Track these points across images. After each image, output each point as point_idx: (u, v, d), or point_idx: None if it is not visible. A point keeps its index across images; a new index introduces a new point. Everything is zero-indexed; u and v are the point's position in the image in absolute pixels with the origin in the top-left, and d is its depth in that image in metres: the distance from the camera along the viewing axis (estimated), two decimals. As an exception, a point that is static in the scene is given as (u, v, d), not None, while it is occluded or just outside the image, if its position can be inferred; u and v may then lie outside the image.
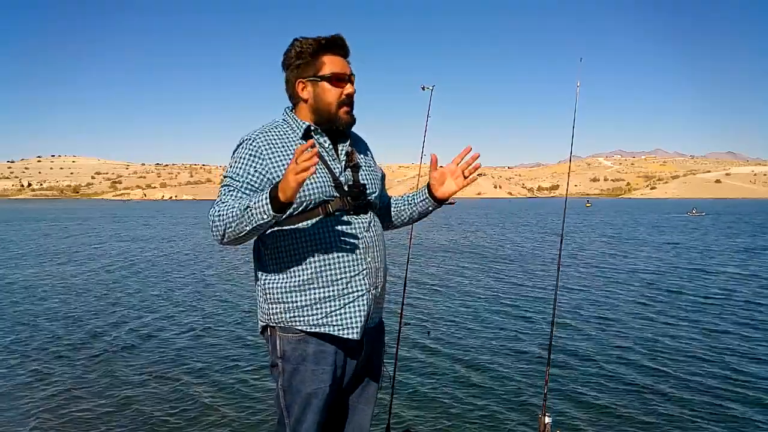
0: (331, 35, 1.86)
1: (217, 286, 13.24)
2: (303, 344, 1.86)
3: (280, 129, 1.89)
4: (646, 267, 16.77)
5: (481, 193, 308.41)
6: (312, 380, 1.86)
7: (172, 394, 5.98)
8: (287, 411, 1.89)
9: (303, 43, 1.85)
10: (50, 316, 9.73)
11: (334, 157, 1.88)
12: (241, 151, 1.83)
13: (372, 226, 1.91)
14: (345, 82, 1.86)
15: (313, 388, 1.86)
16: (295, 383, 1.87)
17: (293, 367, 1.87)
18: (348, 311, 1.85)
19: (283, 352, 1.88)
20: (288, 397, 1.89)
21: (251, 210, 1.64)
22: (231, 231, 1.71)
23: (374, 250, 1.90)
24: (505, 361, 7.21)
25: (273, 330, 1.90)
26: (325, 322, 1.84)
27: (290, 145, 1.85)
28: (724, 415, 5.53)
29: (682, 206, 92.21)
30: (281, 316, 1.87)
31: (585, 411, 5.59)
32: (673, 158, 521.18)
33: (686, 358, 7.31)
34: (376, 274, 1.91)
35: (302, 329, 1.85)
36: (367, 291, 1.87)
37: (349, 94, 1.86)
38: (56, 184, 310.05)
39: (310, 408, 1.87)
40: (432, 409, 5.66)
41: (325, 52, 1.85)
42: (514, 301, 11.31)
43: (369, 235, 1.88)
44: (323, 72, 1.84)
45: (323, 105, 1.86)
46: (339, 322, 1.84)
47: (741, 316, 9.89)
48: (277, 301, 1.87)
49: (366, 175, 1.94)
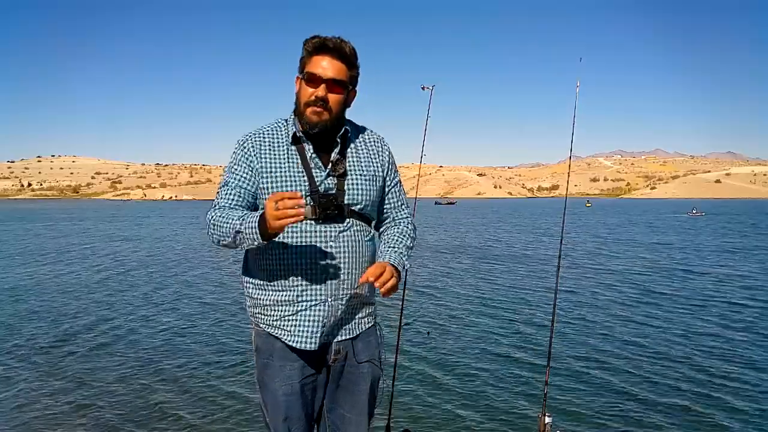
0: (326, 37, 1.86)
1: (208, 286, 13.23)
2: (272, 339, 1.91)
3: (274, 131, 1.94)
4: (646, 267, 16.77)
5: (481, 193, 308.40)
6: (280, 376, 1.89)
7: (158, 393, 5.99)
8: (265, 406, 1.94)
9: (307, 42, 1.89)
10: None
11: (318, 165, 1.88)
12: (235, 152, 1.93)
13: (345, 235, 1.87)
14: (319, 83, 1.84)
15: (281, 384, 1.89)
16: (266, 378, 1.92)
17: (263, 362, 1.92)
18: (300, 318, 1.86)
19: (256, 345, 1.95)
20: (263, 392, 1.94)
21: (242, 235, 1.72)
22: (224, 245, 1.82)
23: (344, 258, 1.86)
24: (505, 361, 7.21)
25: (252, 323, 1.99)
26: (279, 325, 1.89)
27: (278, 148, 1.90)
28: (724, 415, 5.53)
29: (682, 206, 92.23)
30: (251, 310, 1.97)
31: (585, 411, 5.59)
32: (673, 158, 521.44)
33: (686, 358, 7.31)
34: (341, 285, 1.87)
35: (263, 327, 1.92)
36: (323, 301, 1.85)
37: (317, 96, 1.84)
38: (56, 184, 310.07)
39: (282, 404, 1.89)
40: (432, 409, 5.66)
41: (318, 53, 1.87)
42: (513, 301, 11.32)
43: (337, 244, 1.85)
44: (305, 71, 1.88)
45: (298, 102, 1.91)
46: (290, 329, 1.87)
47: (741, 316, 9.89)
48: (249, 295, 1.96)
49: (353, 183, 1.90)
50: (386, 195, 2.04)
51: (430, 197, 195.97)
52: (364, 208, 1.93)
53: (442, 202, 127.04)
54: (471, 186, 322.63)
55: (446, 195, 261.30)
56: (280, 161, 1.88)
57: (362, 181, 1.93)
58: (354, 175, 1.92)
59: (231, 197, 1.87)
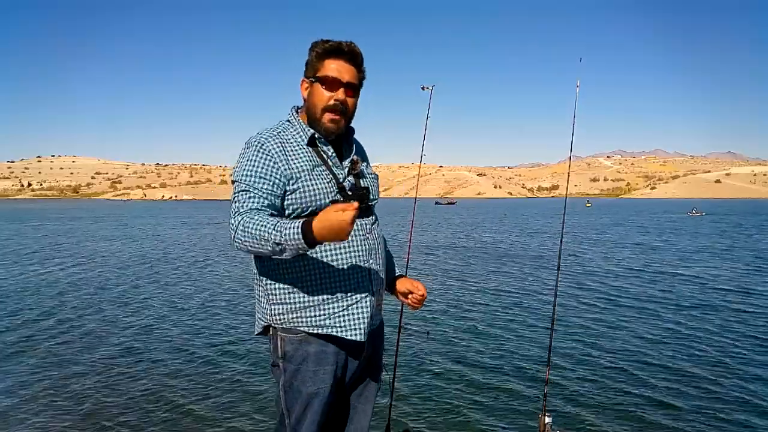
0: (339, 41, 1.86)
1: (213, 289, 13.22)
2: (305, 345, 1.87)
3: (288, 132, 1.91)
4: (647, 267, 16.76)
5: (481, 193, 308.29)
6: (313, 381, 1.87)
7: (166, 395, 5.98)
8: (288, 411, 1.90)
9: (316, 45, 1.88)
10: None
11: (338, 165, 1.91)
12: (253, 154, 1.83)
13: (374, 228, 1.96)
14: (337, 87, 1.84)
15: (314, 389, 1.87)
16: (297, 383, 1.88)
17: (295, 368, 1.88)
18: (352, 312, 1.86)
19: (284, 352, 1.89)
20: (289, 397, 1.90)
21: (284, 246, 1.65)
22: (254, 251, 1.74)
23: (377, 252, 1.94)
24: (504, 361, 7.21)
25: (275, 330, 1.91)
26: (329, 323, 1.85)
27: (299, 149, 1.88)
28: (724, 415, 5.52)
29: (682, 206, 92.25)
30: (284, 316, 1.88)
31: (585, 411, 5.59)
32: (673, 158, 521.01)
33: (686, 358, 7.31)
34: (379, 276, 1.94)
35: (305, 330, 1.86)
36: (370, 292, 1.89)
37: (338, 99, 1.84)
38: (56, 184, 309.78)
39: (311, 408, 1.88)
40: (432, 409, 5.66)
41: (330, 56, 1.85)
42: (513, 300, 11.31)
43: (372, 237, 1.92)
44: (319, 73, 1.86)
45: (312, 106, 1.88)
46: (343, 324, 1.85)
47: (742, 316, 9.88)
48: (280, 301, 1.87)
49: (368, 182, 1.99)
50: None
51: (430, 197, 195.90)
52: (376, 203, 2.04)
53: (443, 202, 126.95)
54: (471, 186, 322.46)
55: (446, 195, 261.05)
56: (306, 162, 1.86)
57: (371, 179, 2.02)
58: (367, 175, 2.01)
59: (257, 202, 1.78)
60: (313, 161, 1.87)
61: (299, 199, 1.82)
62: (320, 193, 1.83)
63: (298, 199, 1.82)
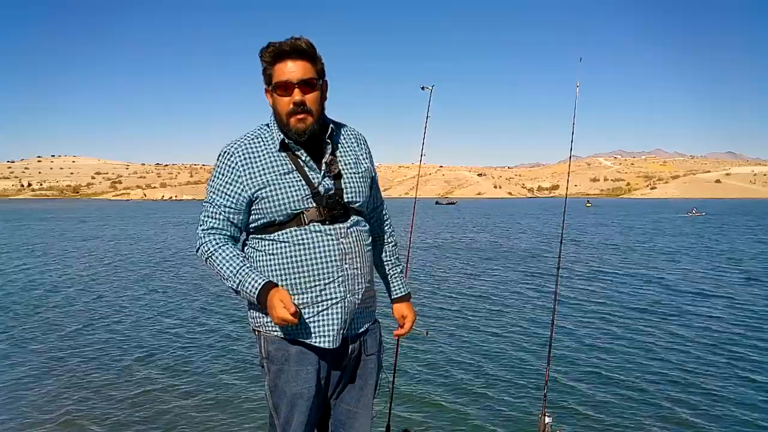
0: (282, 42, 1.82)
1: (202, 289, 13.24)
2: (285, 345, 1.89)
3: (259, 139, 1.89)
4: (647, 268, 16.77)
5: (481, 193, 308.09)
6: (296, 380, 1.88)
7: (160, 394, 5.98)
8: (276, 411, 1.93)
9: (263, 53, 1.84)
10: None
11: (314, 168, 1.87)
12: (219, 167, 1.89)
13: (351, 232, 1.90)
14: (291, 88, 1.81)
15: (298, 389, 1.88)
16: (281, 383, 1.90)
17: (278, 368, 1.90)
18: (322, 319, 1.86)
19: (267, 352, 1.92)
20: (275, 397, 1.92)
21: (242, 292, 1.83)
22: (214, 275, 1.92)
23: (353, 255, 1.89)
24: (504, 361, 7.22)
25: (258, 332, 1.96)
26: (298, 331, 1.87)
27: (267, 157, 1.86)
28: (723, 414, 5.53)
29: (682, 206, 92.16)
30: (261, 320, 1.92)
31: (585, 411, 5.59)
32: (673, 158, 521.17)
33: (686, 358, 7.32)
34: (355, 280, 1.90)
35: (279, 335, 1.89)
36: (342, 298, 1.87)
37: (296, 101, 1.81)
38: (56, 184, 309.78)
39: (297, 408, 1.89)
40: (432, 409, 5.67)
41: (278, 60, 1.82)
42: (513, 300, 11.32)
43: (347, 242, 1.88)
44: (273, 82, 1.84)
45: (277, 114, 1.87)
46: (313, 331, 1.86)
47: (743, 316, 9.90)
48: (257, 307, 1.89)
49: (349, 182, 1.92)
50: (372, 190, 2.06)
51: (431, 197, 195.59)
52: (361, 205, 1.95)
53: (443, 202, 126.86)
54: (471, 186, 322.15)
55: (446, 195, 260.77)
56: (275, 170, 1.84)
57: (356, 179, 1.94)
58: (348, 173, 1.93)
59: (219, 218, 1.88)
60: (285, 167, 1.84)
61: (266, 209, 1.83)
62: (290, 201, 1.81)
63: (265, 208, 1.83)
